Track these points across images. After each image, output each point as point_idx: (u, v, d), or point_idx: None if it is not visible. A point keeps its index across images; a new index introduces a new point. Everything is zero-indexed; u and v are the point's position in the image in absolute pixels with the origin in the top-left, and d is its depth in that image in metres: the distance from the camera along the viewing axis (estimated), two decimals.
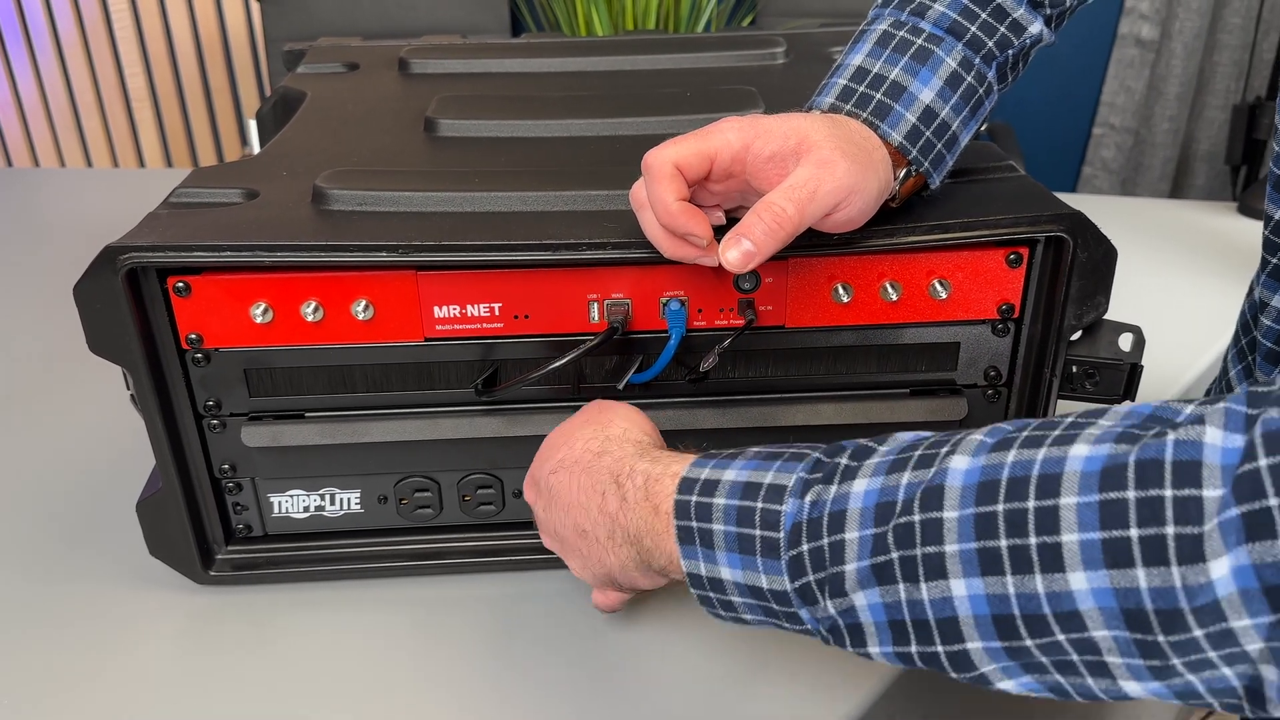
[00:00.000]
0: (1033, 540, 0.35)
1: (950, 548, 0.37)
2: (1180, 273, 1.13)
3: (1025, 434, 0.38)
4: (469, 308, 0.60)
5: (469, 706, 0.58)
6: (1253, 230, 1.22)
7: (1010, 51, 0.60)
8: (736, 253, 0.51)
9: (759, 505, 0.44)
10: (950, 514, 0.37)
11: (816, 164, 0.51)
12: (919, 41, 0.58)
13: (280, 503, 0.66)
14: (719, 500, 0.45)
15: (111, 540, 0.71)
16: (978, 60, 0.59)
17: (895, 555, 0.39)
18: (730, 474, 0.46)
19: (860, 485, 0.41)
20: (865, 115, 0.57)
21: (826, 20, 1.19)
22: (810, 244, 0.57)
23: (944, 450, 0.39)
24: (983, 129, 0.63)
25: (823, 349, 0.63)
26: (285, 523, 0.67)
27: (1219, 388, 0.72)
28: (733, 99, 0.78)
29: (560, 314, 0.60)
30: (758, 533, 0.43)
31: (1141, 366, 0.63)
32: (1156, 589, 0.33)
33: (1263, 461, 0.31)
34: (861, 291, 0.61)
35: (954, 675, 0.40)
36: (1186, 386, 0.94)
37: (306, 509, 0.66)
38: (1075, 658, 0.36)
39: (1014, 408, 0.65)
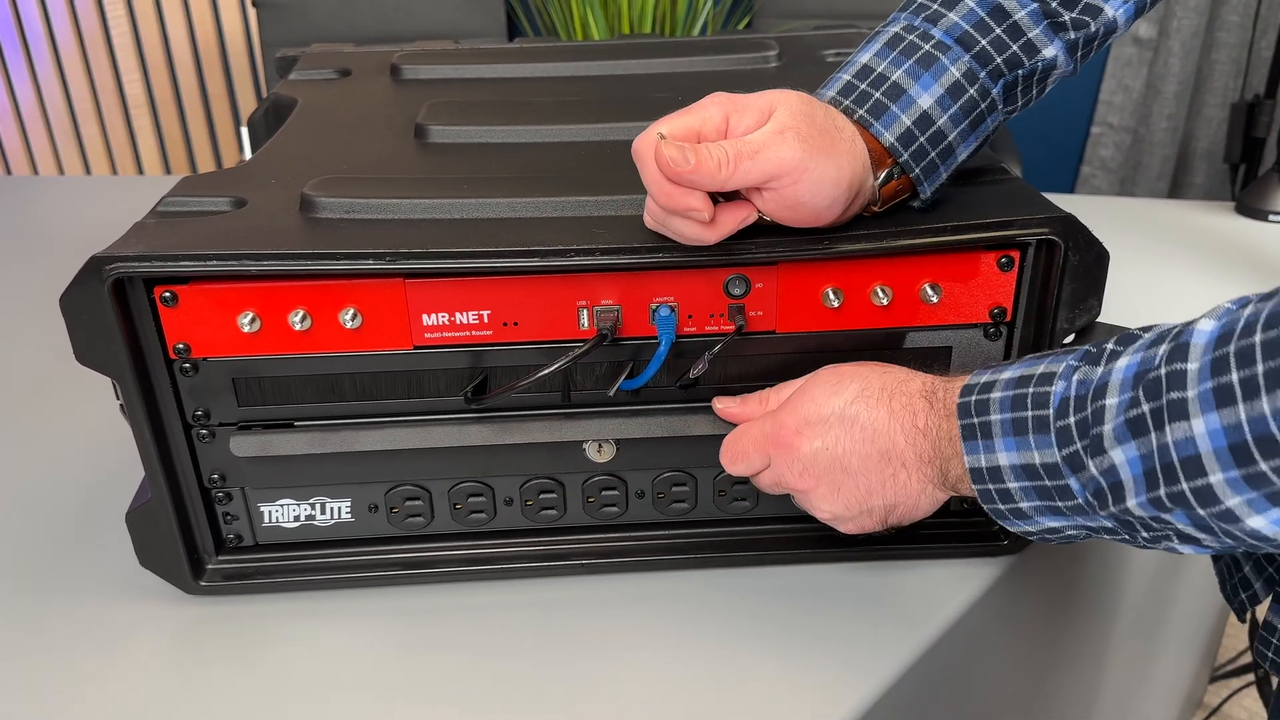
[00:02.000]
0: (1260, 368, 0.38)
1: (1190, 392, 0.40)
2: (1177, 273, 1.12)
3: (1269, 292, 0.40)
4: (458, 315, 0.60)
5: (461, 716, 0.57)
6: (1250, 230, 1.22)
7: (1020, 72, 0.59)
8: (675, 154, 0.52)
9: (1031, 390, 0.48)
10: (1192, 365, 0.40)
11: (769, 133, 0.53)
12: (926, 47, 0.58)
13: (270, 512, 0.66)
14: (995, 395, 0.50)
15: (101, 551, 0.70)
16: (983, 74, 0.58)
17: (1146, 408, 0.42)
18: (1006, 374, 0.50)
19: (1123, 361, 0.45)
20: (861, 112, 0.57)
21: (821, 23, 1.18)
22: (800, 248, 0.57)
23: (1199, 318, 0.42)
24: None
25: (814, 354, 0.62)
26: (276, 532, 0.66)
27: None
28: None
29: (549, 321, 0.60)
30: (1029, 414, 0.48)
31: None
32: None
33: None
34: (852, 296, 0.60)
35: (1201, 512, 0.41)
36: None
37: (297, 518, 0.66)
38: None
39: None
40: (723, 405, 0.62)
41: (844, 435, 0.55)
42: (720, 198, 0.55)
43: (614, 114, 0.77)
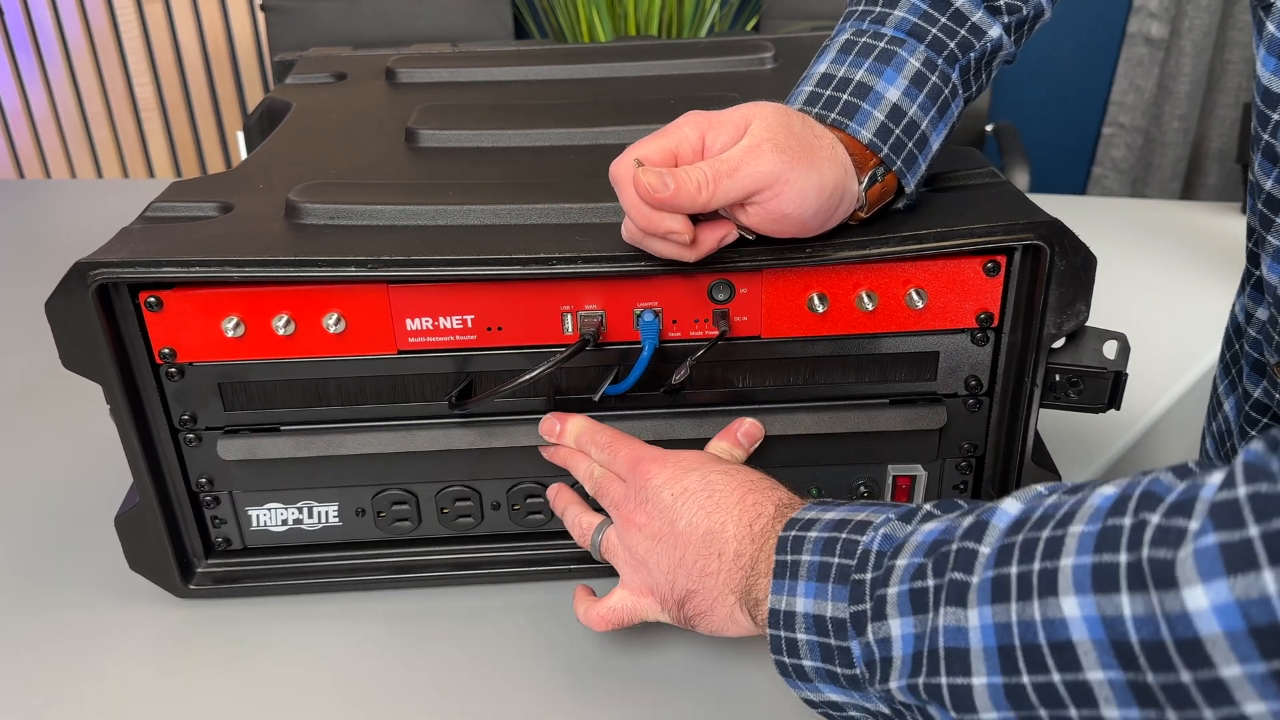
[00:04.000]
0: (1036, 565, 0.35)
1: (974, 578, 0.37)
2: (1183, 275, 1.11)
3: (1079, 484, 0.38)
4: (441, 320, 0.60)
5: (449, 719, 0.58)
6: None
7: (972, 55, 0.60)
8: (654, 181, 0.51)
9: (844, 536, 0.46)
10: (985, 547, 0.38)
11: (745, 149, 0.52)
12: (881, 45, 0.59)
13: (258, 516, 0.66)
14: (812, 534, 0.47)
15: (91, 554, 0.71)
16: (940, 61, 0.59)
17: (930, 582, 0.40)
18: (830, 514, 0.48)
19: (931, 525, 0.43)
20: (834, 115, 0.57)
21: (822, 24, 1.18)
22: (785, 254, 0.57)
23: (1010, 496, 0.40)
24: (988, 130, 0.62)
25: (800, 359, 0.62)
26: (264, 535, 0.67)
27: (1212, 403, 0.71)
28: (716, 105, 0.77)
29: (533, 326, 0.60)
30: (835, 560, 0.45)
31: (1126, 374, 0.62)
32: (1139, 617, 0.32)
33: (1241, 490, 0.30)
34: (837, 301, 0.60)
35: (953, 714, 0.39)
36: (1185, 389, 0.93)
37: (285, 522, 0.66)
38: (1074, 714, 0.34)
39: (995, 417, 0.64)
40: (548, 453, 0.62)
41: (692, 492, 0.53)
42: (700, 217, 0.55)
43: (606, 118, 0.77)
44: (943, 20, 0.59)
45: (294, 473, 0.64)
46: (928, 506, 0.45)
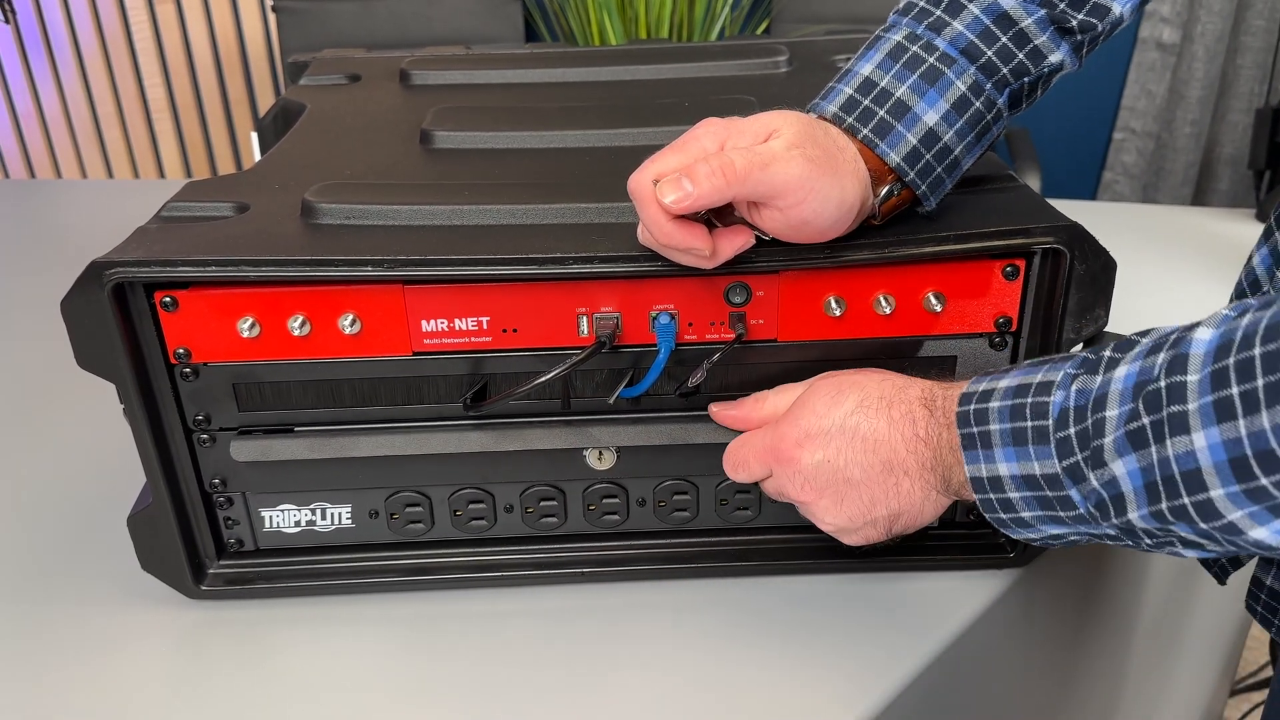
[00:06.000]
0: (1260, 382, 0.37)
1: (1191, 405, 0.40)
2: (1196, 281, 1.11)
3: (1265, 299, 0.40)
4: (457, 322, 0.59)
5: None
6: None
7: (1026, 80, 0.58)
8: (674, 195, 0.51)
9: (1030, 400, 0.48)
10: (1192, 377, 0.40)
11: (779, 149, 0.52)
12: (931, 60, 0.56)
13: (271, 517, 0.66)
14: (994, 404, 0.49)
15: (103, 555, 0.71)
16: (989, 86, 0.57)
17: (1146, 420, 0.42)
18: (1004, 381, 0.50)
19: (1121, 370, 0.44)
20: (866, 131, 0.56)
21: (835, 27, 1.18)
22: (801, 256, 0.57)
23: (1196, 325, 0.42)
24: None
25: (816, 363, 0.62)
26: (276, 537, 0.66)
27: None
28: (731, 108, 0.76)
29: (549, 328, 0.60)
30: (1029, 424, 0.47)
31: None
32: None
33: None
34: (855, 304, 0.60)
35: (1203, 525, 0.41)
36: None
37: (298, 523, 0.66)
38: None
39: None
40: (718, 409, 0.62)
41: (845, 447, 0.55)
42: (717, 222, 0.55)
43: (621, 120, 0.77)
44: (1002, 41, 0.56)
45: (307, 474, 0.64)
46: (1108, 352, 0.46)
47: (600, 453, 0.64)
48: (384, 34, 2.21)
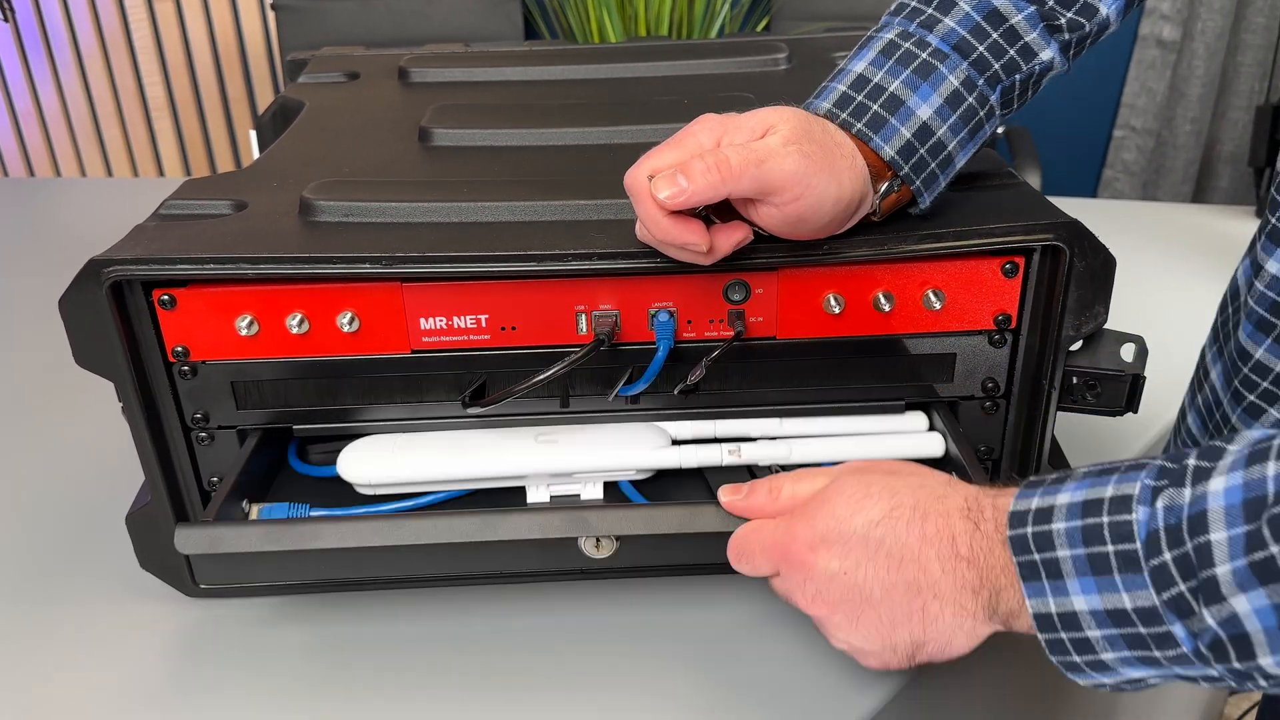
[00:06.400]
0: None
1: None
2: (1196, 279, 1.11)
3: None
4: (455, 319, 0.59)
5: (463, 717, 0.57)
6: None
7: (1017, 77, 0.58)
8: (669, 191, 0.50)
9: (1105, 519, 0.41)
10: None
11: (775, 144, 0.51)
12: (923, 55, 0.57)
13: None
14: (1058, 525, 0.42)
15: (102, 553, 0.71)
16: (981, 81, 0.57)
17: (1276, 549, 0.36)
18: (1064, 497, 0.43)
19: (1218, 483, 0.38)
20: (860, 126, 0.56)
21: (832, 25, 1.18)
22: (801, 253, 0.57)
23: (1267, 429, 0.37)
24: (1000, 132, 0.61)
25: (815, 361, 0.62)
26: None
27: (1197, 376, 0.70)
28: (730, 106, 0.76)
29: (548, 325, 0.60)
30: (1110, 548, 0.41)
31: (1144, 377, 0.61)
32: None
33: None
34: (854, 302, 0.60)
35: None
36: None
37: None
38: None
39: (1012, 420, 0.63)
40: (729, 499, 0.56)
41: (866, 560, 0.48)
42: (715, 219, 0.55)
43: (619, 117, 0.77)
44: (993, 37, 0.57)
45: (263, 567, 0.59)
46: (1192, 461, 0.40)
47: (598, 541, 0.58)
48: (383, 32, 2.21)
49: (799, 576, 0.51)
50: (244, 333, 0.58)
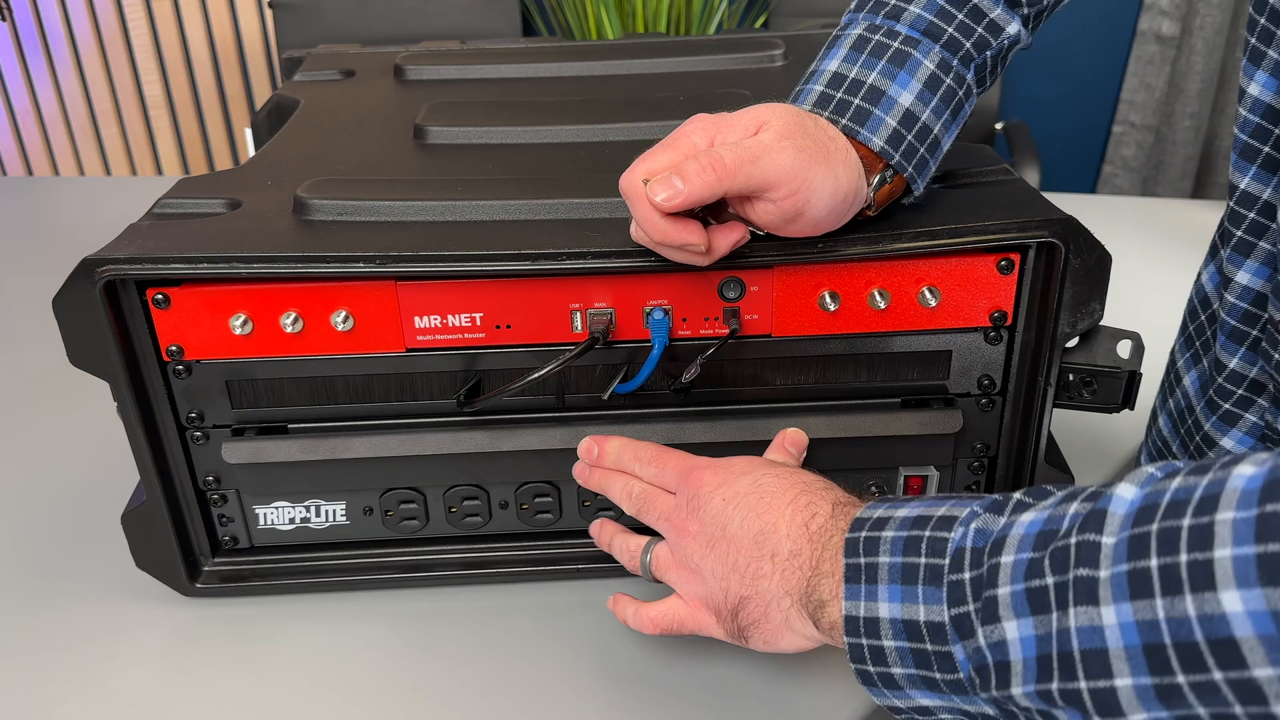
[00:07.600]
0: (1183, 558, 0.32)
1: (1103, 572, 0.35)
2: (1192, 275, 1.10)
3: (1197, 464, 0.35)
4: (450, 318, 0.59)
5: (457, 718, 0.57)
6: None
7: (988, 53, 0.59)
8: (665, 193, 0.50)
9: (927, 534, 0.43)
10: (1108, 539, 0.35)
11: (768, 140, 0.51)
12: (895, 44, 0.57)
13: (265, 515, 0.66)
14: (888, 533, 0.44)
15: (98, 552, 0.70)
16: (955, 62, 0.58)
17: (1050, 580, 0.37)
18: (904, 511, 0.45)
19: (1029, 515, 0.40)
20: (845, 121, 0.56)
21: (829, 21, 1.18)
22: (796, 250, 0.56)
23: (1116, 483, 0.37)
24: (998, 128, 0.61)
25: (811, 358, 0.62)
26: (271, 534, 0.66)
27: (1169, 380, 0.70)
28: (726, 103, 0.76)
29: (542, 324, 0.60)
30: (922, 560, 0.42)
31: (1140, 374, 0.61)
32: None
33: None
34: (849, 299, 0.59)
35: (1097, 719, 0.36)
36: None
37: (292, 521, 0.66)
38: (1239, 710, 0.32)
39: (1009, 417, 0.63)
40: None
41: (740, 499, 0.51)
42: (711, 220, 0.55)
43: (615, 114, 0.76)
44: (959, 17, 0.58)
45: (300, 475, 0.63)
46: (1018, 495, 0.42)
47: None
48: (380, 29, 2.21)
49: (690, 489, 0.54)
50: (238, 332, 0.58)
